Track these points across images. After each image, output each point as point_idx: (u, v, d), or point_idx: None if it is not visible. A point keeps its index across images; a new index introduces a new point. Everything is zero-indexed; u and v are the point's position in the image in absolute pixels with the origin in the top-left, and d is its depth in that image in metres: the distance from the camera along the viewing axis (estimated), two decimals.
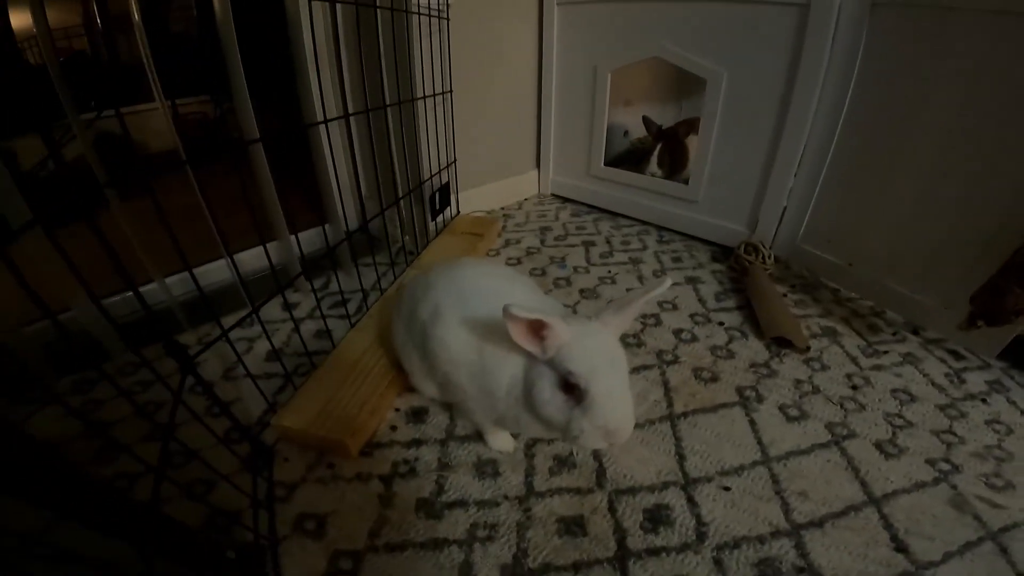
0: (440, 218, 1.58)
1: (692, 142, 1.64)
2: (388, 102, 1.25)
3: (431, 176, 1.46)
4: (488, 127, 1.69)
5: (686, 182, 1.62)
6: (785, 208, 1.47)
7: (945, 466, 0.90)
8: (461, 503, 0.81)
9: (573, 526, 0.79)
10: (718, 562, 0.73)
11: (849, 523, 0.79)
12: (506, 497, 0.83)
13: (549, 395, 0.67)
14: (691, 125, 1.67)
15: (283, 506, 0.81)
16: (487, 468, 0.88)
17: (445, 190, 1.56)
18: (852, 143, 1.31)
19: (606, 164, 1.79)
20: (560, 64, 1.72)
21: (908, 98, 1.19)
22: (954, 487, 0.85)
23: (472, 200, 1.74)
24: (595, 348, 0.65)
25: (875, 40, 1.22)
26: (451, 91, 1.49)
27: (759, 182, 1.46)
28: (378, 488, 0.84)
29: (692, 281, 1.45)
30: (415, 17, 1.25)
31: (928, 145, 1.17)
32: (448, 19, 1.40)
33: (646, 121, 1.81)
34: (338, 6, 1.02)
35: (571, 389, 0.64)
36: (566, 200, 1.95)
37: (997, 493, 0.85)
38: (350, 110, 1.07)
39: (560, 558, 0.74)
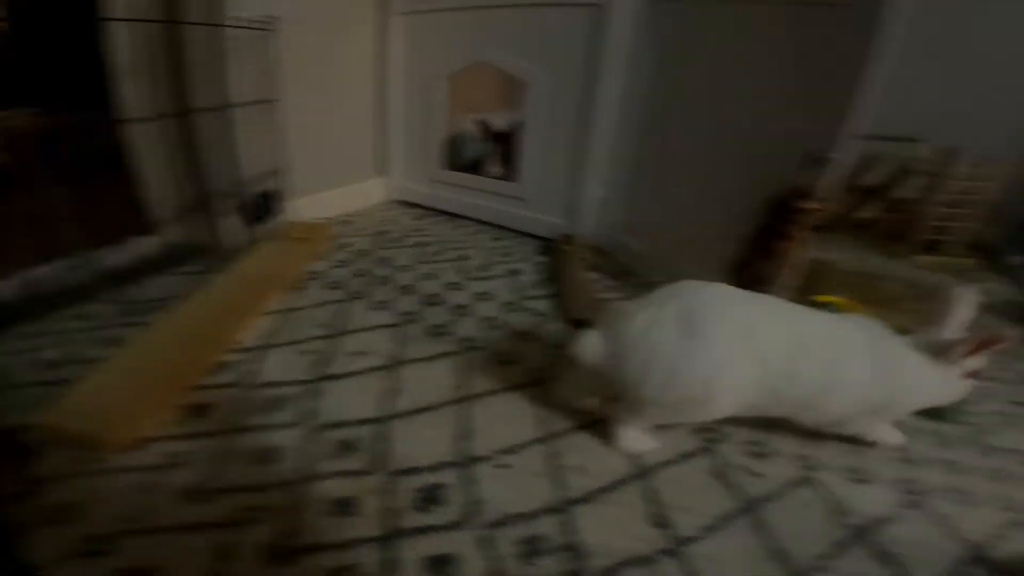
0: (269, 225, 1.53)
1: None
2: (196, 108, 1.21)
3: (250, 183, 1.41)
4: (329, 135, 1.71)
5: (516, 182, 1.69)
6: (601, 199, 1.59)
7: (712, 433, 0.97)
8: (231, 490, 0.79)
9: (346, 507, 0.77)
10: (485, 539, 0.74)
11: (617, 497, 0.82)
12: (282, 482, 0.81)
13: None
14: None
15: (39, 498, 0.77)
16: (268, 456, 0.86)
17: (271, 197, 1.53)
18: (647, 134, 1.44)
19: (457, 170, 1.85)
20: (400, 72, 1.78)
21: (682, 89, 1.32)
22: (717, 456, 0.92)
23: (313, 206, 1.73)
24: None
25: (658, 34, 1.34)
26: (277, 100, 1.45)
27: (574, 176, 1.57)
28: (145, 478, 0.81)
29: (514, 273, 1.51)
30: (230, 31, 1.24)
31: (701, 131, 1.31)
32: (272, 31, 1.38)
33: (481, 125, 1.87)
34: None
35: None
36: (413, 205, 1.97)
37: (757, 460, 0.92)
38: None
39: (327, 538, 0.73)
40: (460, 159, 1.93)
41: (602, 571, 0.71)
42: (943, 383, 0.87)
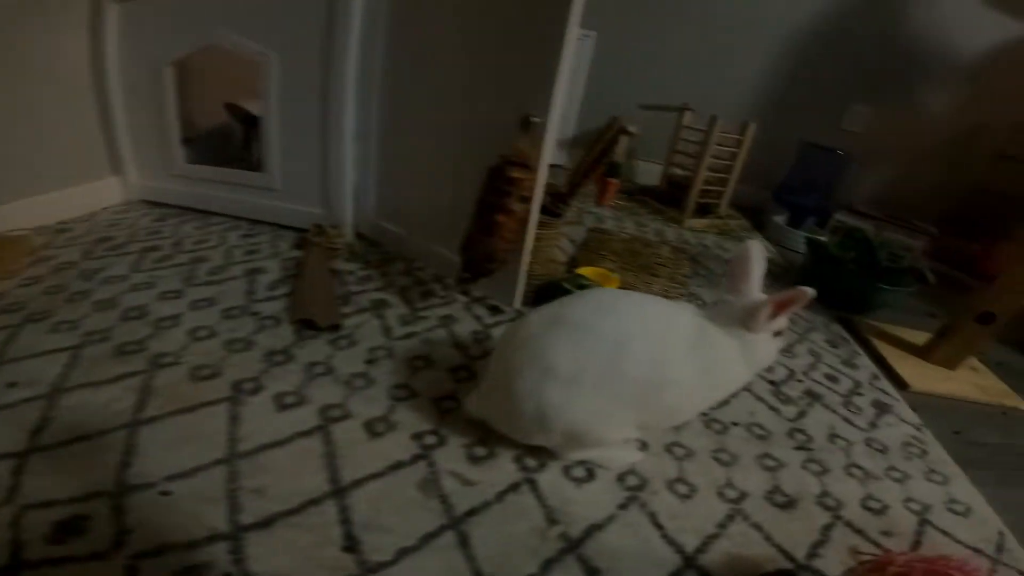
0: None
1: None
2: None
3: None
4: (32, 136, 1.46)
5: (264, 171, 1.55)
6: (357, 185, 1.50)
7: (430, 438, 0.91)
8: None
9: None
10: (132, 569, 0.63)
11: (304, 520, 0.73)
12: None
13: None
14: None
15: None
16: None
17: None
18: (390, 113, 1.38)
19: (227, 164, 1.65)
20: (121, 63, 1.55)
21: (410, 63, 1.28)
22: (431, 464, 0.85)
23: (20, 214, 1.44)
24: None
25: (395, 7, 1.28)
26: None
27: (325, 162, 1.46)
28: None
29: (253, 273, 1.36)
30: None
31: (430, 106, 1.28)
32: None
33: (230, 108, 1.67)
34: None
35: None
36: (159, 205, 1.71)
37: (474, 466, 0.86)
38: None
39: None
40: (228, 152, 1.74)
41: None
42: (758, 352, 0.86)
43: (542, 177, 1.10)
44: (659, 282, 1.55)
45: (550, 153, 1.09)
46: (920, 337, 1.49)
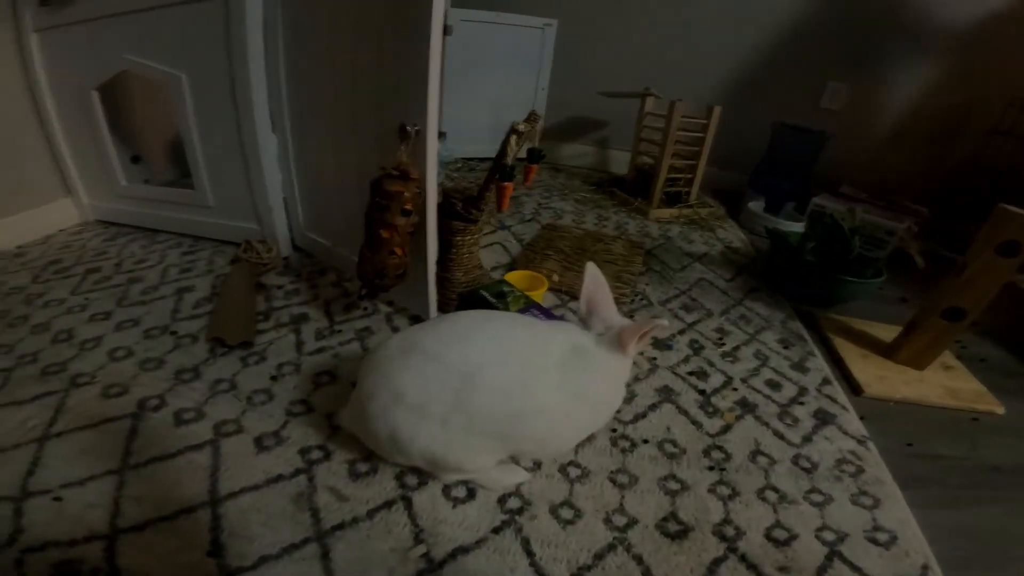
0: None
1: None
2: None
3: None
4: None
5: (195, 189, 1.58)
6: (283, 199, 1.52)
7: (316, 453, 0.92)
8: None
9: None
10: (19, 562, 0.70)
11: (175, 526, 0.77)
12: None
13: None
14: None
15: None
16: None
17: None
18: (299, 129, 1.40)
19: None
20: (52, 89, 1.60)
21: (309, 78, 1.28)
22: (311, 478, 0.87)
23: None
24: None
25: (281, 25, 1.29)
26: None
27: (250, 178, 1.48)
28: None
29: (182, 291, 1.39)
30: None
31: (328, 121, 1.28)
32: None
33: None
34: None
35: None
36: (112, 224, 1.75)
37: (353, 482, 0.87)
38: None
39: None
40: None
41: None
42: (626, 374, 0.88)
43: (431, 185, 1.04)
44: (616, 272, 1.47)
45: (434, 160, 1.03)
46: (893, 332, 1.36)
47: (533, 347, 0.80)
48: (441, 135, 2.36)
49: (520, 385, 0.76)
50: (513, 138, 1.12)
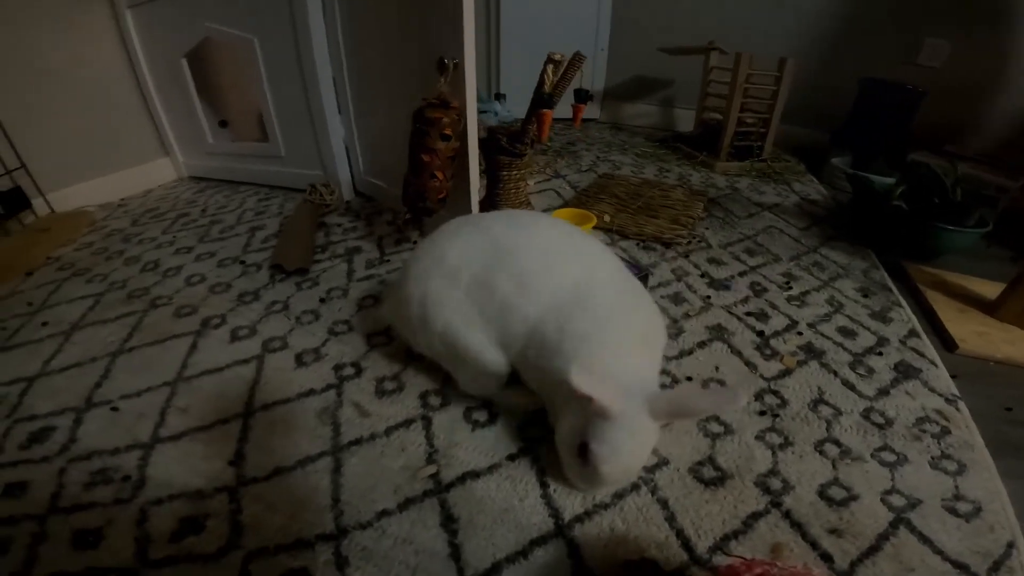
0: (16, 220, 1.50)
1: None
2: None
3: None
4: (81, 126, 1.64)
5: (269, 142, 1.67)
6: (345, 144, 1.54)
7: (349, 370, 0.92)
8: None
9: None
10: (63, 471, 0.73)
11: (209, 436, 0.79)
12: None
13: (566, 435, 0.66)
14: None
15: None
16: None
17: (12, 195, 1.46)
18: (355, 77, 1.41)
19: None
20: (147, 60, 1.72)
21: (363, 26, 1.27)
22: (340, 393, 0.86)
23: (81, 195, 1.65)
24: (625, 443, 0.62)
25: None
26: None
27: (316, 128, 1.52)
28: None
29: (254, 230, 1.46)
30: None
31: (380, 64, 1.27)
32: None
33: None
34: None
35: (584, 453, 0.63)
36: (201, 180, 1.88)
37: (377, 399, 0.85)
38: None
39: None
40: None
41: (151, 501, 0.69)
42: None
43: (471, 115, 0.98)
44: (655, 223, 1.34)
45: (473, 90, 1.02)
46: (997, 289, 1.13)
47: (571, 261, 0.73)
48: (500, 96, 2.29)
49: (533, 284, 0.71)
50: (549, 67, 1.05)
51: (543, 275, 0.71)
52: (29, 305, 1.12)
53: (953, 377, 0.91)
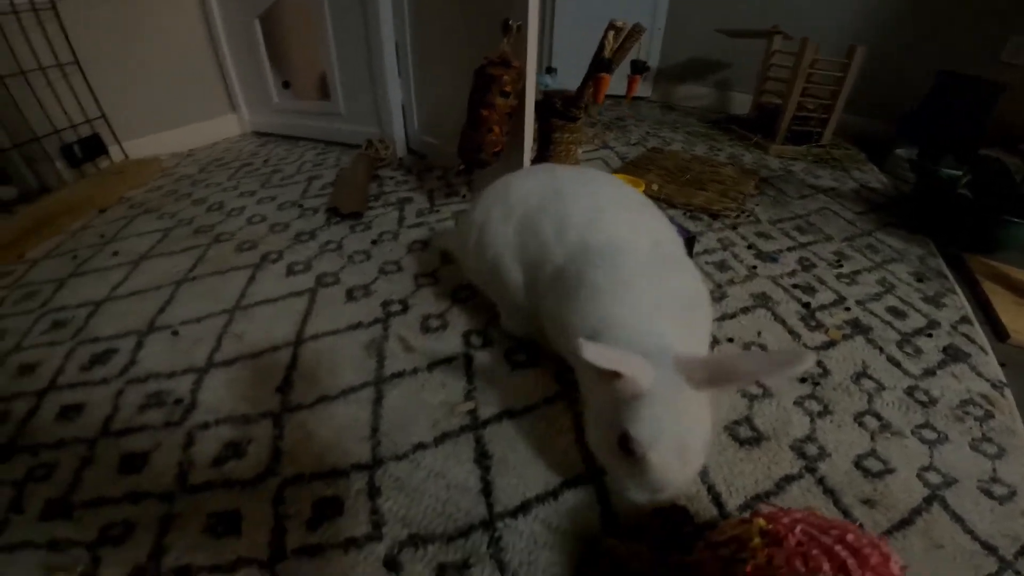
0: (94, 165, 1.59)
1: None
2: None
3: (57, 131, 1.46)
4: (158, 81, 1.74)
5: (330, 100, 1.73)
6: (403, 103, 1.59)
7: (396, 306, 0.95)
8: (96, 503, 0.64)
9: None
10: (120, 392, 0.77)
11: (259, 363, 0.82)
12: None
13: (600, 435, 0.56)
14: None
15: None
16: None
17: (89, 141, 1.56)
18: (417, 40, 1.44)
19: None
20: (223, 20, 1.79)
21: None
22: (386, 328, 0.89)
23: (153, 145, 1.75)
24: (669, 420, 0.51)
25: None
26: (75, 61, 1.49)
27: (375, 87, 1.57)
28: None
29: (312, 179, 1.52)
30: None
31: (443, 28, 1.30)
32: (54, 8, 1.41)
33: None
34: None
35: (626, 446, 0.51)
36: (264, 135, 1.96)
37: (422, 335, 0.88)
38: None
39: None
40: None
41: (199, 425, 0.71)
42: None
43: (530, 75, 1.01)
44: (704, 195, 1.32)
45: (533, 52, 1.05)
46: None
47: (616, 217, 0.70)
48: (551, 70, 2.27)
49: (572, 230, 0.68)
50: (611, 34, 1.06)
51: (583, 224, 0.68)
52: (101, 237, 1.21)
53: (1002, 365, 0.88)
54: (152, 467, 0.65)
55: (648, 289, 0.61)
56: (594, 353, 0.47)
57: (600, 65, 1.11)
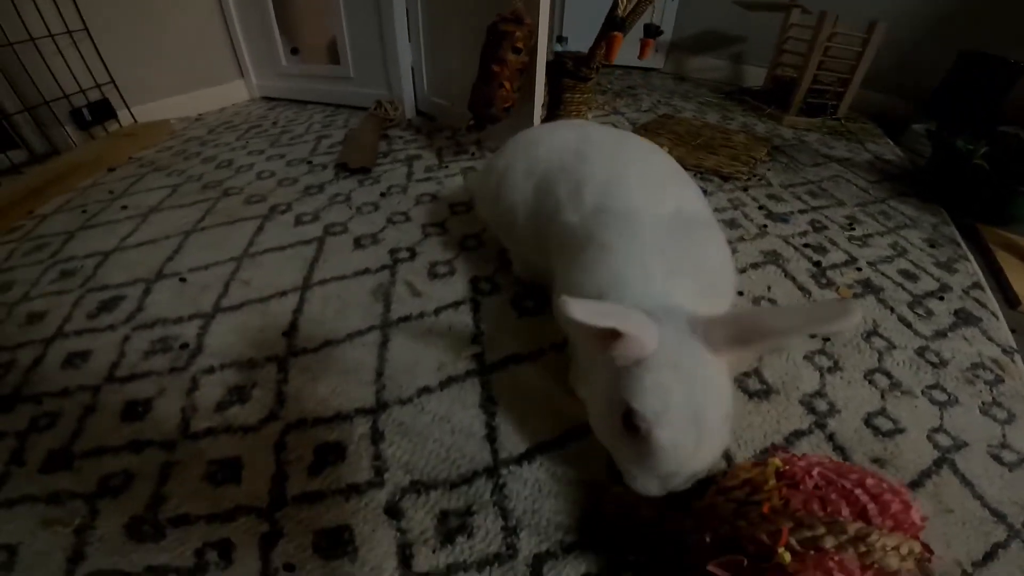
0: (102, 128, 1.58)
1: None
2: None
3: (66, 96, 1.45)
4: (167, 46, 1.72)
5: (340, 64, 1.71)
6: (412, 66, 1.57)
7: (404, 253, 0.94)
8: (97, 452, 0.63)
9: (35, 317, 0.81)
10: (127, 338, 0.76)
11: (266, 307, 0.81)
12: None
13: (602, 418, 0.49)
14: None
15: None
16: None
17: (99, 105, 1.55)
18: (427, 1, 1.42)
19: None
20: None
21: None
22: (393, 273, 0.89)
23: (161, 110, 1.74)
24: (678, 388, 0.43)
25: None
26: (85, 28, 1.47)
27: (385, 50, 1.56)
28: None
29: (321, 138, 1.51)
30: None
31: None
32: None
33: None
34: None
35: (631, 424, 0.44)
36: (272, 100, 1.94)
37: (430, 280, 0.87)
38: None
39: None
40: None
41: (204, 369, 0.71)
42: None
43: (543, 32, 0.99)
44: (715, 159, 1.31)
45: (546, 9, 1.04)
46: None
47: (640, 185, 0.64)
48: (561, 39, 2.22)
49: (587, 192, 0.64)
50: None
51: (600, 189, 0.63)
52: (110, 193, 1.20)
53: (1012, 331, 0.86)
54: (155, 414, 0.65)
55: (663, 250, 0.55)
56: (582, 310, 0.40)
57: (613, 24, 1.08)
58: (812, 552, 0.39)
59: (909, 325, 0.84)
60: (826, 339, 0.79)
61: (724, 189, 1.25)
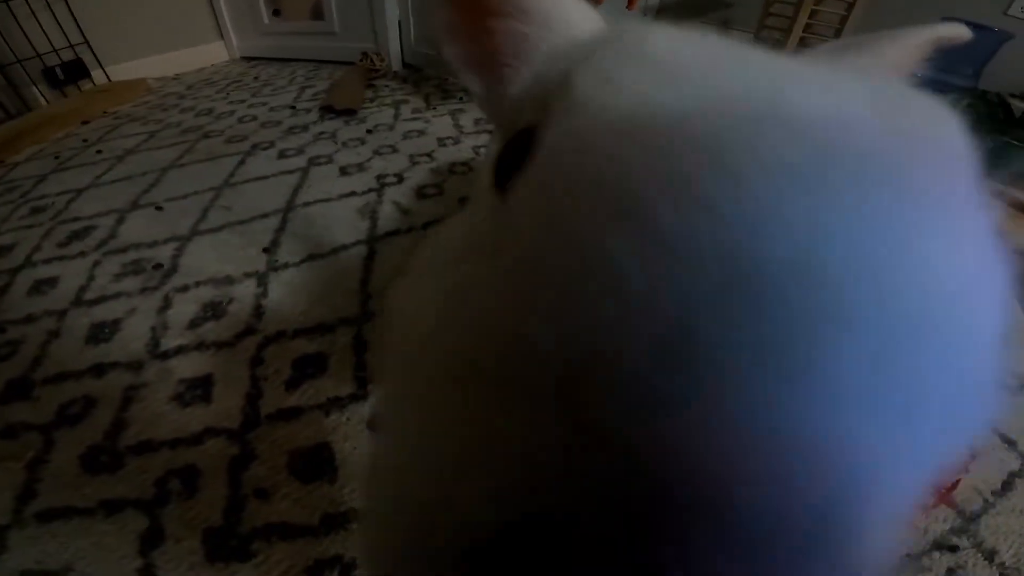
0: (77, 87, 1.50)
1: None
2: None
3: (39, 55, 1.37)
4: (144, 6, 1.64)
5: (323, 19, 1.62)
6: (399, 21, 1.50)
7: (391, 179, 0.91)
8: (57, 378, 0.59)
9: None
10: (97, 263, 0.72)
11: (247, 228, 0.78)
12: None
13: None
14: None
15: None
16: None
17: (74, 64, 1.47)
18: None
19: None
20: None
21: None
22: (380, 195, 0.85)
23: (137, 70, 1.65)
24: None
25: None
26: None
27: (370, 5, 1.48)
28: None
29: (304, 88, 1.45)
30: None
31: None
32: None
33: None
34: None
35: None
36: (253, 59, 1.85)
37: (417, 200, 0.84)
38: None
39: None
40: None
41: (177, 288, 0.67)
42: None
43: None
44: None
45: None
46: None
47: None
48: None
49: None
50: None
51: None
52: (84, 141, 1.14)
53: None
54: (123, 335, 0.59)
55: None
56: None
57: None
58: None
59: None
60: None
61: None
